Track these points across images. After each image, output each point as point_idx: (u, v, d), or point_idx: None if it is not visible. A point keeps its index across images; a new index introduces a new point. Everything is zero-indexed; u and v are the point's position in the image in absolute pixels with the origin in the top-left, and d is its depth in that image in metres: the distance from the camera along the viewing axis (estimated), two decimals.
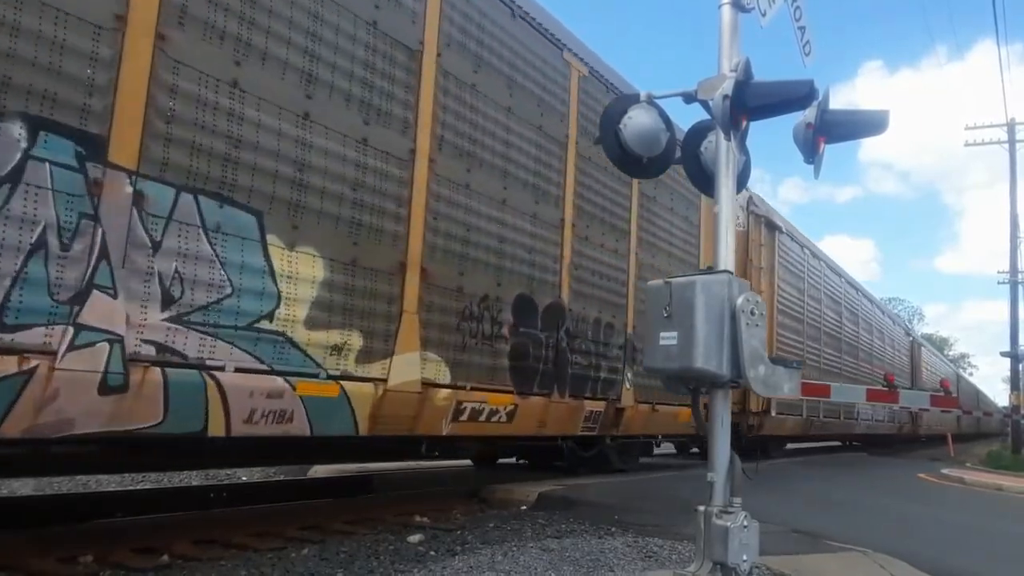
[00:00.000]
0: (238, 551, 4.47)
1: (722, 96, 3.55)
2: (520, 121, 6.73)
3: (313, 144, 4.69)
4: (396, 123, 5.36)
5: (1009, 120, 24.47)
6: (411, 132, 5.48)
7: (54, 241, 3.40)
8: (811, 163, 3.88)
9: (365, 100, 5.10)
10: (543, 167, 7.03)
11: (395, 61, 5.36)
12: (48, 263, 3.38)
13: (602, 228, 8.04)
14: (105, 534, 4.49)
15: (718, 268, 3.75)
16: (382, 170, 5.22)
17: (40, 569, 3.83)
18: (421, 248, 5.50)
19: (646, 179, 7.99)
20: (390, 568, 4.24)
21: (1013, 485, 12.25)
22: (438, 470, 9.53)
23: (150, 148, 3.81)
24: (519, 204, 6.68)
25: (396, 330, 5.23)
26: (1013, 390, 22.58)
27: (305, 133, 4.64)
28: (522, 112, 6.77)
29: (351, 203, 4.94)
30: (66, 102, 3.48)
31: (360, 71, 5.06)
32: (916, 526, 7.33)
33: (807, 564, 4.62)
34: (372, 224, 5.10)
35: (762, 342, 3.56)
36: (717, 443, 3.62)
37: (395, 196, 5.32)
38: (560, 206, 7.29)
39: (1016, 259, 23.65)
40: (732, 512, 3.50)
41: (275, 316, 4.38)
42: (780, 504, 7.13)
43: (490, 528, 5.55)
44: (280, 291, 4.41)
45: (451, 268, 5.84)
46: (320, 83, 4.76)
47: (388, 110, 5.29)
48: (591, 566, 4.28)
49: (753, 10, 4.01)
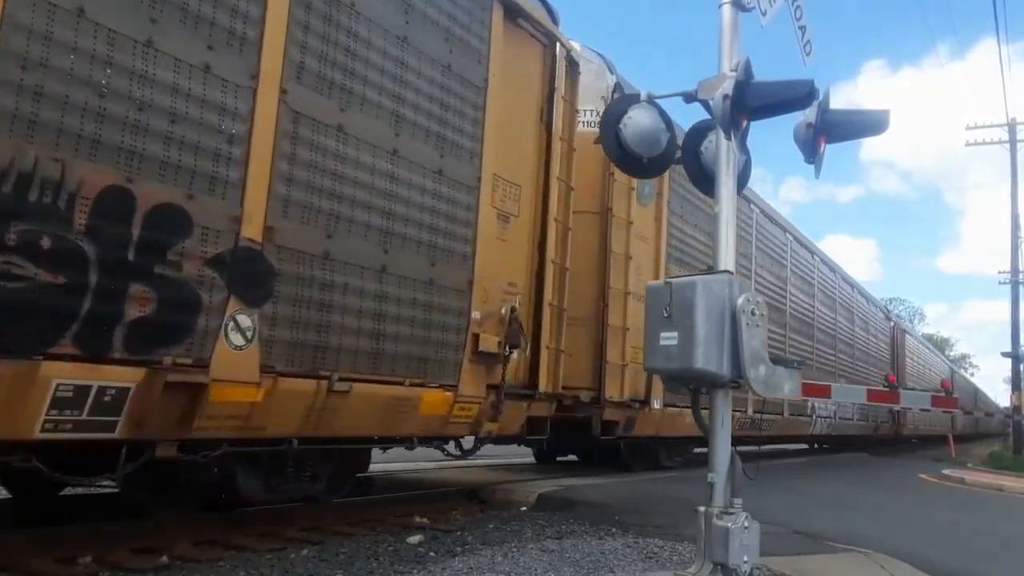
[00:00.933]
0: (237, 552, 4.46)
1: (722, 96, 3.56)
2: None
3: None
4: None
5: (1010, 120, 24.46)
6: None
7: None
8: (812, 163, 3.88)
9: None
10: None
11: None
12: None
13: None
14: (105, 534, 4.48)
15: (718, 268, 3.75)
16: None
17: (40, 569, 3.82)
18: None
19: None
20: (390, 569, 4.23)
21: (1014, 485, 12.24)
22: (438, 470, 9.52)
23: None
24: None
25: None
26: (1014, 390, 22.58)
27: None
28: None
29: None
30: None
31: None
32: (917, 526, 7.32)
33: (808, 565, 4.61)
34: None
35: (762, 342, 3.56)
36: (717, 443, 3.62)
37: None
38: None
39: (1017, 259, 23.63)
40: (733, 513, 3.49)
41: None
42: (780, 504, 7.12)
43: (490, 529, 5.54)
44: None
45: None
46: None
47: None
48: (591, 567, 4.27)
49: (753, 10, 4.01)
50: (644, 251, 8.81)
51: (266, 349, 4.28)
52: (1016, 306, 22.85)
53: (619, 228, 8.32)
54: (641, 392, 8.56)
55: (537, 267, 6.62)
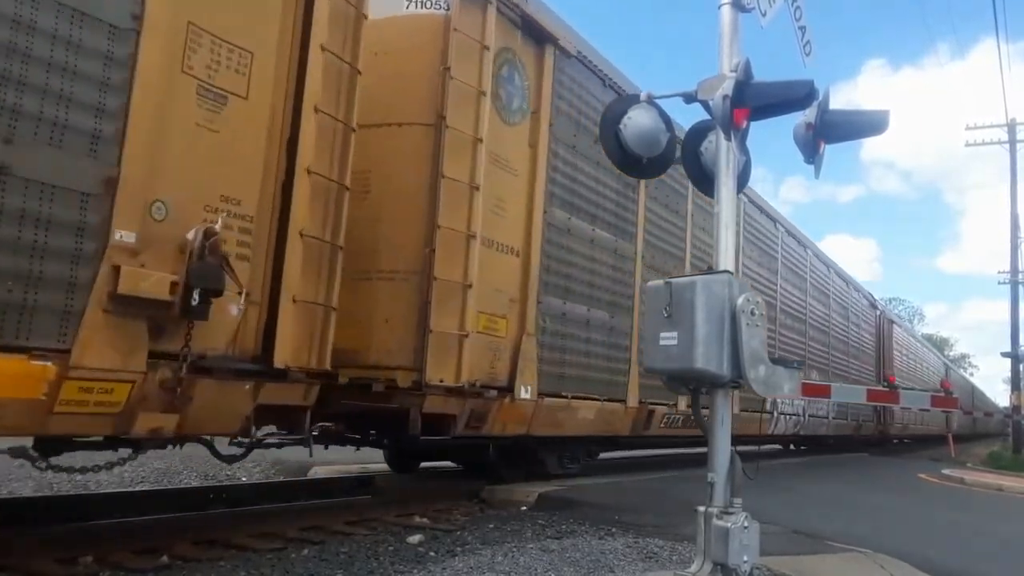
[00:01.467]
0: (238, 552, 4.46)
1: (722, 96, 3.56)
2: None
3: None
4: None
5: (1009, 120, 24.49)
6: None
7: None
8: (811, 163, 3.88)
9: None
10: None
11: None
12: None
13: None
14: (105, 534, 4.48)
15: (718, 268, 3.75)
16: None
17: (40, 569, 3.82)
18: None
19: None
20: (390, 569, 4.24)
21: (1014, 485, 12.26)
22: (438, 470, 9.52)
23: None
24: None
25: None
26: (1014, 390, 22.60)
27: None
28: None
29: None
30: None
31: None
32: (917, 526, 7.33)
33: (808, 565, 4.61)
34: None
35: (762, 342, 3.56)
36: (717, 444, 3.62)
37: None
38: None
39: (1016, 259, 23.67)
40: (732, 513, 3.50)
41: None
42: (780, 504, 7.12)
43: (490, 529, 5.54)
44: None
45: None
46: None
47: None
48: (591, 567, 4.27)
49: (753, 10, 4.01)
50: (509, 186, 6.50)
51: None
52: (1015, 306, 22.90)
53: (460, 147, 5.97)
54: (502, 376, 6.33)
55: (284, 178, 4.58)
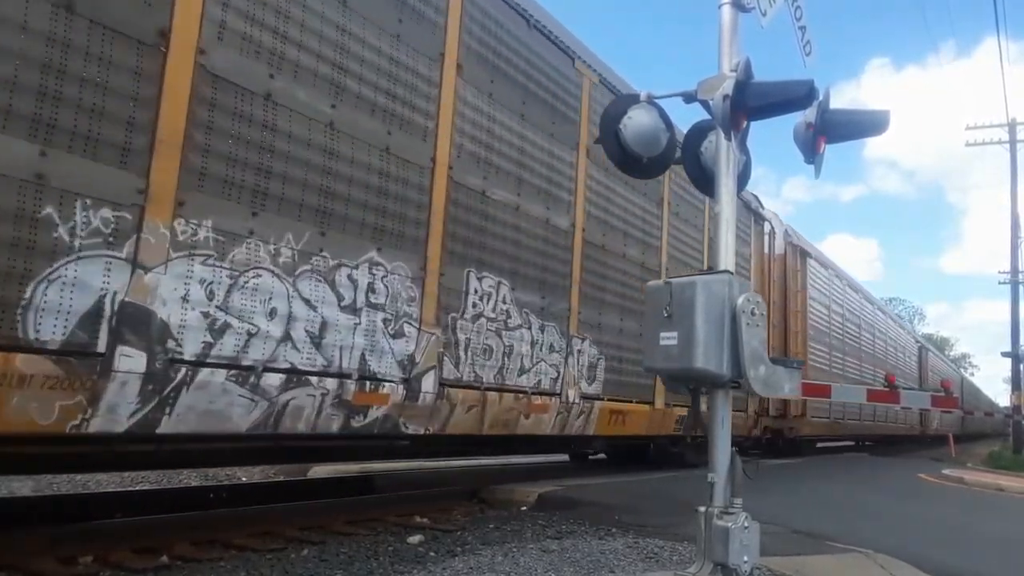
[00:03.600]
0: (238, 552, 4.46)
1: (722, 96, 3.55)
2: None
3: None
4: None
5: (1010, 120, 24.48)
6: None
7: None
8: (811, 163, 3.87)
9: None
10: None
11: None
12: None
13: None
14: (105, 534, 4.48)
15: (718, 268, 3.74)
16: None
17: (40, 569, 3.82)
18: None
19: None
20: (390, 569, 4.24)
21: (1014, 485, 12.23)
22: (439, 470, 9.52)
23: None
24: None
25: None
26: (1014, 390, 22.59)
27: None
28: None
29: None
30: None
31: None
32: (917, 526, 7.32)
33: (808, 565, 4.60)
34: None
35: (762, 342, 3.56)
36: (717, 443, 3.62)
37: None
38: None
39: (1017, 259, 23.66)
40: (733, 513, 3.49)
41: None
42: (780, 504, 7.12)
43: (490, 529, 5.54)
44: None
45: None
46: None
47: None
48: (591, 567, 4.27)
49: (753, 10, 4.01)
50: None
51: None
52: (1016, 306, 22.89)
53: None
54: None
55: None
